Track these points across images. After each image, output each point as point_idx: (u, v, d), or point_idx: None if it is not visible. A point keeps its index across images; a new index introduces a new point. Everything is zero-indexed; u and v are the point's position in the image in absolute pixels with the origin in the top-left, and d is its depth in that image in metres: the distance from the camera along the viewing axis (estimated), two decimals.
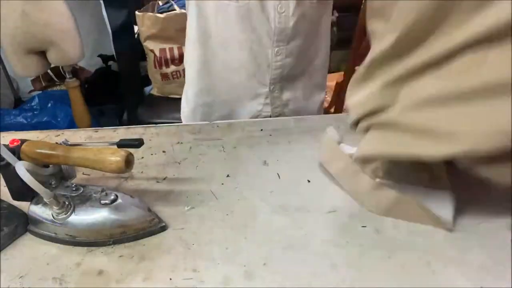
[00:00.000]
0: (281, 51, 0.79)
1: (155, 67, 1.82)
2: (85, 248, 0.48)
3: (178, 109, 0.96)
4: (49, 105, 1.90)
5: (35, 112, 1.88)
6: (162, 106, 1.79)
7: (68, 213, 0.48)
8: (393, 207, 0.51)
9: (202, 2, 0.76)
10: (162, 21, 1.72)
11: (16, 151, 0.48)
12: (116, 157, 0.45)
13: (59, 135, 0.74)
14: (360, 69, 0.48)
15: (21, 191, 0.50)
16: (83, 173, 0.60)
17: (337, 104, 1.99)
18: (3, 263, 0.46)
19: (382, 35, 0.44)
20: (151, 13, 1.73)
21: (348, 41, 1.77)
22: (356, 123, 0.51)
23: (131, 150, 0.48)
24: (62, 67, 1.90)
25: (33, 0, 0.69)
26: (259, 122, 0.78)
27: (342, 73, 1.97)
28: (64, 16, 1.07)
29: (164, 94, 1.89)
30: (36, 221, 0.49)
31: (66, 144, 0.53)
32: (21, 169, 0.43)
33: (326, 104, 2.00)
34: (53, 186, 0.51)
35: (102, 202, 0.48)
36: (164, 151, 0.68)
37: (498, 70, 0.36)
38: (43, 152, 0.48)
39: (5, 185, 0.51)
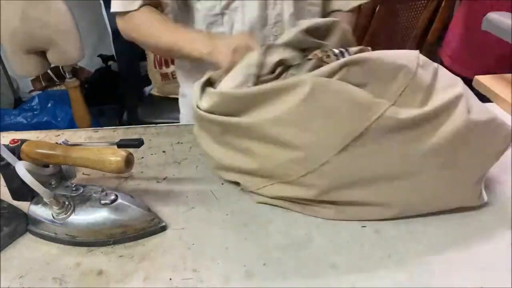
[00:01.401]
0: None
1: (155, 67, 1.82)
2: (85, 248, 0.48)
3: (178, 109, 0.96)
4: (49, 105, 1.90)
5: (35, 112, 1.88)
6: (162, 106, 1.78)
7: (68, 213, 0.48)
8: None
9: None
10: None
11: (16, 151, 0.48)
12: (116, 157, 0.45)
13: (59, 135, 0.73)
14: None
15: (21, 191, 0.50)
16: (83, 173, 0.60)
17: None
18: (3, 263, 0.46)
19: None
20: None
21: None
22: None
23: (131, 150, 0.48)
24: (62, 67, 1.90)
25: (33, 1, 0.69)
26: None
27: None
28: (64, 16, 1.07)
29: (164, 94, 1.89)
30: (36, 221, 0.49)
31: (66, 144, 0.53)
32: (21, 169, 0.43)
33: None
34: (53, 186, 0.51)
35: (102, 202, 0.48)
36: (164, 151, 0.68)
37: None
38: (43, 152, 0.48)
39: (5, 185, 0.51)
